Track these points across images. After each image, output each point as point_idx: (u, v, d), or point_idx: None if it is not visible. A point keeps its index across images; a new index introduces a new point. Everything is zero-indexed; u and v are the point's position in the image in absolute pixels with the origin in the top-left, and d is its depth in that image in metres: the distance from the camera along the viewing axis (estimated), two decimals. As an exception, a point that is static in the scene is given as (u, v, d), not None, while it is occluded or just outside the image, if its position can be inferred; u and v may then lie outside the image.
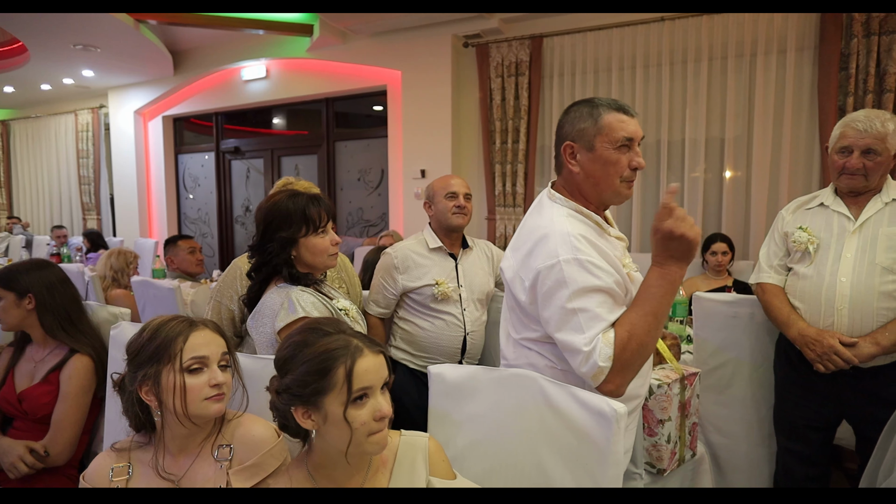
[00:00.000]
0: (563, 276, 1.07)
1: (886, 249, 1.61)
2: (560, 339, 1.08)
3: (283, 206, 1.40)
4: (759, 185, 3.66)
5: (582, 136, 1.19)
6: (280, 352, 0.92)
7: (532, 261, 1.13)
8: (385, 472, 0.95)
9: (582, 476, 0.96)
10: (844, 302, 1.62)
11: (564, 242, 1.10)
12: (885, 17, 3.10)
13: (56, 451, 1.62)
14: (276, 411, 0.92)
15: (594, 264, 1.08)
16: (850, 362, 1.57)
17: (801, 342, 1.67)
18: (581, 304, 1.05)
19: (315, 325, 0.94)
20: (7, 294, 1.66)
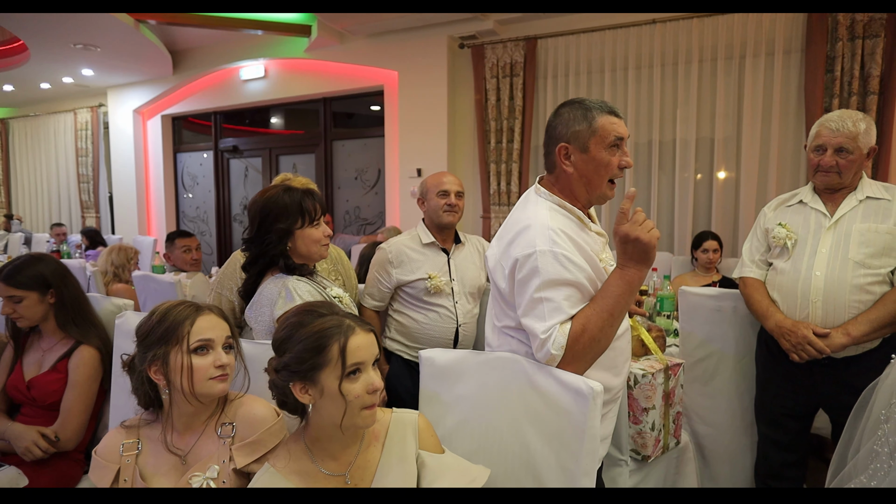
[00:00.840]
0: (537, 266, 1.13)
1: (859, 245, 1.68)
2: (525, 324, 1.15)
3: (281, 200, 1.47)
4: (748, 185, 3.74)
5: (577, 138, 1.24)
6: (278, 333, 0.99)
7: (512, 249, 1.19)
8: (377, 446, 1.02)
9: (561, 450, 1.03)
10: (818, 295, 1.70)
11: (543, 234, 1.16)
12: (869, 21, 3.18)
13: (66, 437, 1.68)
14: (275, 389, 0.98)
15: (568, 258, 1.14)
16: (822, 352, 1.64)
17: (778, 333, 1.74)
18: (548, 295, 1.12)
19: (310, 308, 1.01)
20: (29, 293, 1.71)
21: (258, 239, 1.48)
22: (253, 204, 1.51)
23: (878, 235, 1.68)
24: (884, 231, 1.68)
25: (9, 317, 1.75)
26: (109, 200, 7.07)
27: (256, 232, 1.48)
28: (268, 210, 1.47)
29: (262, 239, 1.47)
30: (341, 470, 0.98)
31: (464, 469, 1.03)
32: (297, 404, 0.97)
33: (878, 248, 1.66)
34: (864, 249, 1.67)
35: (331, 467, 0.98)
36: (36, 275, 1.72)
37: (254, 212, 1.49)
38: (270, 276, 1.46)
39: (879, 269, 1.66)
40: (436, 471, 1.01)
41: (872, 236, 1.68)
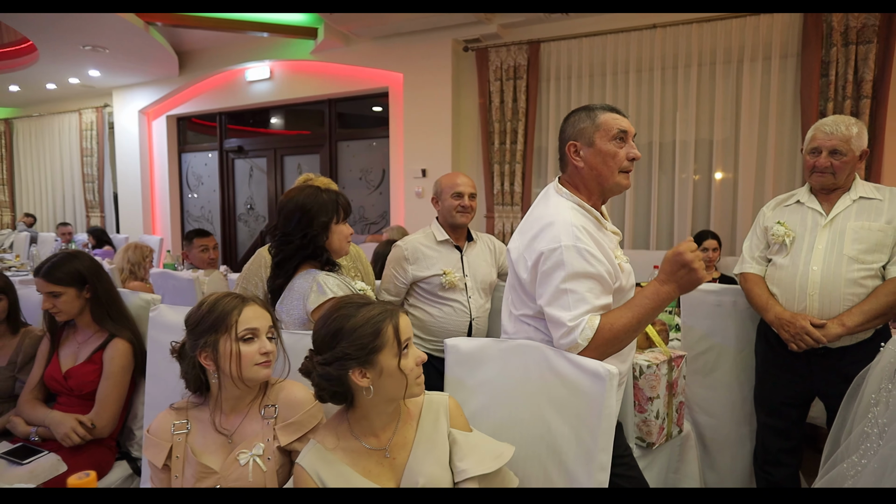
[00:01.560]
0: (562, 259, 1.22)
1: (853, 241, 1.79)
2: (549, 313, 1.23)
3: (320, 197, 1.59)
4: (746, 185, 3.85)
5: (582, 135, 1.36)
6: (325, 329, 1.06)
7: (537, 243, 1.27)
8: (412, 424, 1.12)
9: (580, 428, 1.13)
10: (815, 288, 1.80)
11: (567, 231, 1.25)
12: (862, 27, 3.29)
13: (101, 425, 1.77)
14: (327, 381, 1.04)
15: (590, 253, 1.23)
16: (819, 342, 1.75)
17: (778, 324, 1.85)
18: (572, 286, 1.21)
19: (347, 302, 1.10)
20: (67, 289, 1.79)
21: (299, 232, 1.56)
22: (290, 201, 1.60)
23: (870, 233, 1.78)
24: (876, 229, 1.78)
25: (47, 311, 1.83)
26: (114, 200, 7.14)
27: (296, 226, 1.56)
28: (310, 206, 1.57)
29: (304, 233, 1.56)
30: (381, 445, 1.08)
31: (491, 446, 1.12)
32: (346, 393, 1.05)
33: (871, 244, 1.77)
34: (857, 246, 1.78)
35: (372, 443, 1.07)
36: (73, 271, 1.80)
37: (292, 208, 1.57)
38: (301, 272, 1.55)
39: (872, 265, 1.77)
40: (465, 447, 1.10)
41: (865, 233, 1.78)
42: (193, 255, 3.10)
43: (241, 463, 1.14)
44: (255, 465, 1.14)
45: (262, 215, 6.25)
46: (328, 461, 1.04)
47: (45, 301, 1.79)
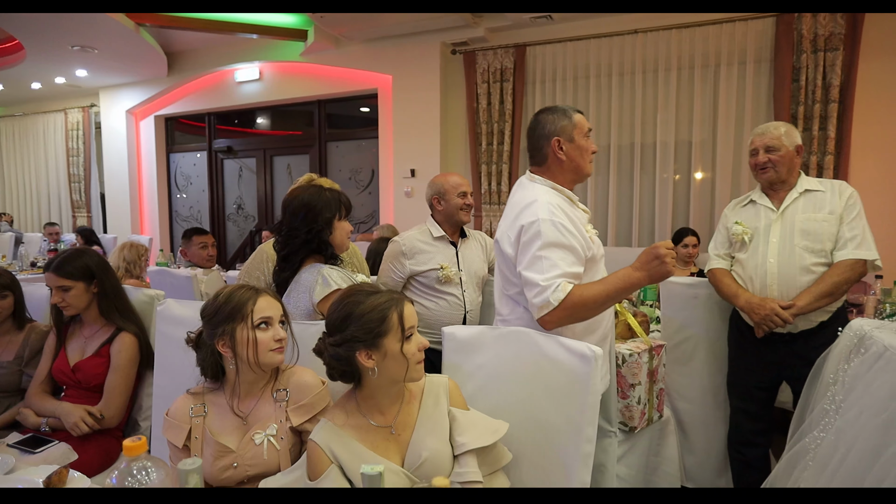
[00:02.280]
0: (539, 231, 1.41)
1: (802, 232, 1.96)
2: (525, 276, 1.42)
3: (324, 195, 1.70)
4: (723, 184, 4.01)
5: (564, 132, 1.58)
6: (336, 313, 1.16)
7: (518, 220, 1.48)
8: (415, 404, 1.22)
9: (567, 404, 1.24)
10: (774, 279, 1.97)
11: (544, 207, 1.45)
12: (829, 35, 3.47)
13: (109, 415, 1.85)
14: (336, 361, 1.14)
15: (564, 226, 1.43)
16: (787, 321, 1.90)
17: (748, 308, 2.00)
18: (547, 254, 1.40)
19: (357, 290, 1.20)
20: (77, 283, 1.86)
21: (304, 227, 1.67)
22: (295, 199, 1.71)
23: (816, 223, 1.96)
24: (820, 219, 1.96)
25: (55, 306, 1.90)
26: (101, 200, 7.11)
27: (301, 222, 1.67)
28: (314, 203, 1.69)
29: (309, 228, 1.67)
30: (387, 422, 1.18)
31: (487, 423, 1.23)
32: (356, 372, 1.15)
33: (818, 233, 1.94)
34: (807, 236, 1.95)
35: (378, 420, 1.18)
36: (82, 266, 1.87)
37: (297, 205, 1.69)
38: (306, 266, 1.65)
39: (821, 252, 1.94)
40: (464, 423, 1.21)
41: (812, 224, 1.96)
42: (193, 253, 3.16)
43: (257, 442, 1.23)
44: (270, 445, 1.24)
45: (252, 215, 6.29)
46: (339, 437, 1.14)
47: (55, 295, 1.85)
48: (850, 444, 1.25)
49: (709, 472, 2.49)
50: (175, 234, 6.79)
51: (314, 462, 1.12)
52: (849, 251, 1.91)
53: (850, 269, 1.90)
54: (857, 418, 1.29)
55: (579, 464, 1.22)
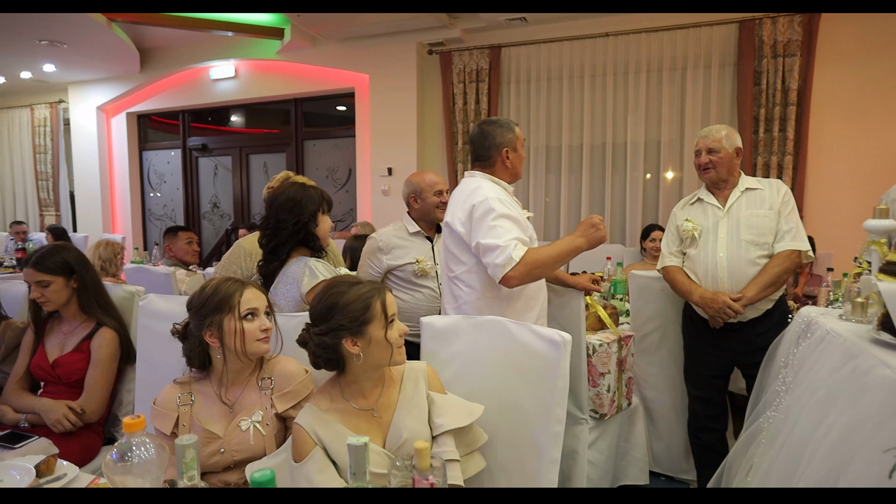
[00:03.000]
0: (490, 206, 1.71)
1: (747, 227, 2.11)
2: (484, 244, 1.68)
3: (307, 191, 1.79)
4: (690, 182, 4.17)
5: (510, 143, 1.89)
6: (321, 304, 1.21)
7: (468, 201, 1.76)
8: (395, 388, 1.28)
9: (538, 387, 1.32)
10: (724, 272, 2.10)
11: (490, 190, 1.77)
12: (788, 42, 3.65)
13: (91, 410, 1.86)
14: (321, 349, 1.20)
15: (507, 203, 1.76)
16: (738, 312, 2.03)
17: (702, 303, 2.12)
18: (500, 223, 1.69)
19: (340, 281, 1.26)
20: (56, 278, 1.86)
21: (292, 219, 1.75)
22: (281, 194, 1.79)
23: (758, 218, 2.10)
24: (762, 214, 2.11)
25: (34, 302, 1.90)
26: (71, 198, 6.96)
27: (288, 214, 1.76)
28: (300, 197, 1.78)
29: (296, 220, 1.75)
30: (369, 406, 1.24)
31: (464, 405, 1.30)
32: (338, 360, 1.21)
33: (760, 228, 2.09)
34: (751, 230, 2.10)
35: (361, 404, 1.24)
36: (62, 261, 1.88)
37: (284, 199, 1.77)
38: (293, 259, 1.71)
39: (764, 245, 2.09)
40: (442, 406, 1.28)
41: (755, 220, 2.10)
42: (179, 248, 3.17)
43: (243, 429, 1.28)
44: (256, 431, 1.29)
45: (228, 214, 6.25)
46: (323, 420, 1.20)
47: (34, 290, 1.85)
48: (795, 419, 1.36)
49: (675, 457, 2.61)
50: (148, 233, 6.69)
51: (299, 444, 1.18)
52: (786, 242, 2.06)
53: (788, 259, 2.06)
54: (801, 396, 1.40)
55: (550, 443, 1.30)
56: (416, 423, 1.24)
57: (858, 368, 1.16)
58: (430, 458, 0.75)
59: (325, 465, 1.15)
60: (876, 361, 1.09)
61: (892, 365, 1.03)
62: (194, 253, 3.21)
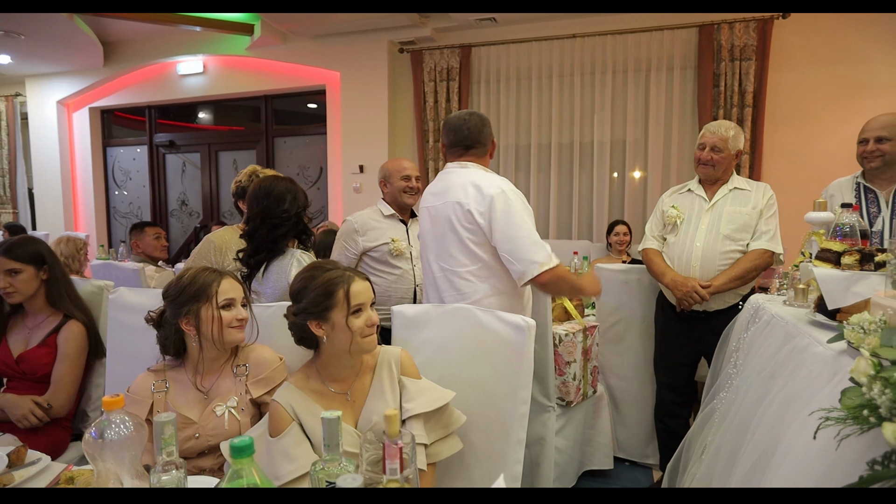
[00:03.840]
0: (512, 199, 1.73)
1: (728, 222, 2.22)
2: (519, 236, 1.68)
3: (295, 185, 1.88)
4: (654, 180, 4.32)
5: (489, 137, 1.93)
6: (294, 285, 1.27)
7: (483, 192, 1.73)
8: (369, 374, 1.33)
9: (504, 370, 1.38)
10: (697, 261, 2.21)
11: (503, 182, 1.78)
12: (744, 46, 3.83)
13: (58, 405, 1.84)
14: (294, 328, 1.26)
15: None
16: (704, 298, 2.15)
17: (672, 286, 2.23)
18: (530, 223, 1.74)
19: (318, 265, 1.31)
20: (27, 267, 1.84)
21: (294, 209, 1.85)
22: (273, 188, 1.85)
23: (740, 216, 2.22)
24: (744, 213, 2.22)
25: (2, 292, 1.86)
26: (29, 195, 6.73)
27: (290, 205, 1.84)
28: (295, 191, 1.85)
29: (296, 211, 1.85)
30: (344, 389, 1.28)
31: (435, 390, 1.35)
32: (313, 339, 1.26)
33: (740, 224, 2.21)
34: (731, 226, 2.20)
35: (336, 387, 1.28)
36: (33, 251, 1.86)
37: (282, 190, 1.84)
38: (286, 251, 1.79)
39: (740, 241, 2.21)
40: (413, 391, 1.32)
41: (737, 216, 2.22)
42: (147, 244, 3.13)
43: (218, 414, 1.31)
44: (231, 416, 1.31)
45: (197, 211, 6.15)
46: (301, 397, 1.24)
47: (2, 280, 1.82)
48: (743, 398, 1.46)
49: (638, 443, 2.73)
50: (113, 231, 6.53)
51: (276, 419, 1.21)
52: (762, 242, 2.18)
53: (760, 258, 2.17)
54: (749, 376, 1.50)
55: (516, 424, 1.37)
56: (386, 408, 1.28)
57: (797, 347, 1.26)
58: (399, 424, 0.80)
59: (300, 439, 1.19)
60: (811, 340, 1.20)
61: (823, 342, 1.13)
62: (163, 248, 3.18)
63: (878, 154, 2.13)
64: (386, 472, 0.75)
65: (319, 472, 0.86)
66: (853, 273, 1.23)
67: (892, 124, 2.13)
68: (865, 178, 2.25)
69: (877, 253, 1.24)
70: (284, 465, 1.13)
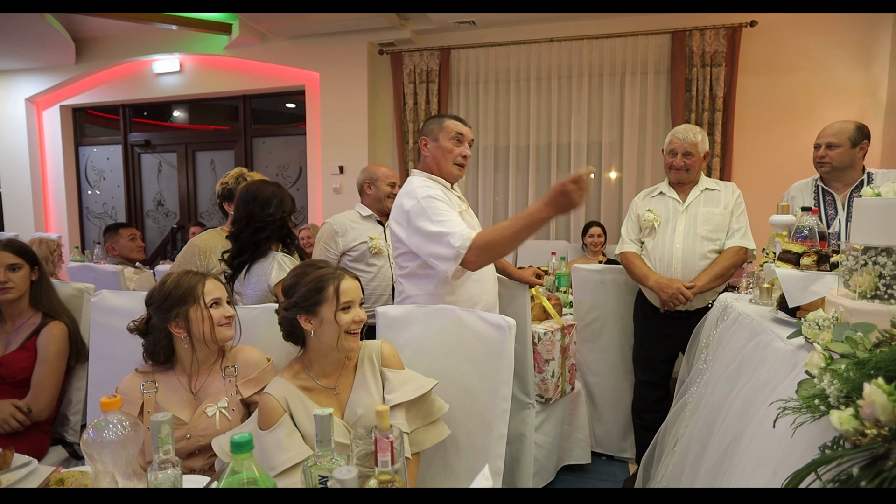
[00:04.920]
0: (422, 195, 1.70)
1: (703, 223, 2.31)
2: (431, 231, 1.63)
3: (282, 190, 1.89)
4: (629, 181, 4.44)
5: (430, 133, 1.86)
6: (286, 280, 1.33)
7: (399, 202, 1.77)
8: (353, 368, 1.37)
9: (485, 367, 1.44)
10: (678, 262, 2.30)
11: (419, 183, 1.77)
12: (714, 52, 3.97)
13: (38, 409, 1.83)
14: (285, 322, 1.31)
15: (438, 197, 1.72)
16: (689, 299, 2.23)
17: (657, 288, 2.31)
18: (436, 208, 1.67)
19: (310, 263, 1.36)
20: (25, 264, 1.85)
21: (278, 213, 1.86)
22: (261, 192, 1.87)
23: (714, 216, 2.31)
24: (717, 213, 2.32)
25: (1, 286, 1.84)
26: (-4, 195, 6.54)
27: (275, 209, 1.85)
28: (281, 195, 1.88)
29: (281, 215, 1.86)
30: (331, 384, 1.33)
31: (417, 378, 1.39)
32: (300, 335, 1.31)
33: (715, 225, 2.30)
34: (706, 226, 2.30)
35: (323, 382, 1.32)
36: (28, 250, 1.88)
37: (268, 195, 1.85)
38: None
39: (716, 241, 2.30)
40: (395, 382, 1.36)
41: (711, 217, 2.32)
42: (122, 245, 3.10)
43: (209, 414, 1.33)
44: (222, 416, 1.34)
45: (173, 212, 6.06)
46: (291, 391, 1.28)
47: (3, 273, 1.82)
48: (711, 391, 1.54)
49: (615, 438, 2.82)
50: (86, 232, 6.40)
51: (268, 412, 1.25)
52: (736, 240, 2.28)
53: (736, 255, 2.28)
54: (718, 370, 1.59)
55: (498, 419, 1.42)
56: (369, 400, 1.33)
57: (761, 343, 1.34)
58: (389, 418, 0.84)
59: (292, 430, 1.23)
60: (773, 336, 1.28)
61: (784, 338, 1.21)
62: (139, 249, 3.16)
63: (827, 160, 2.29)
64: (378, 464, 0.79)
65: (312, 467, 0.90)
66: (811, 273, 1.32)
67: (842, 132, 2.27)
68: (824, 182, 2.37)
69: (832, 254, 1.33)
70: (278, 455, 1.17)
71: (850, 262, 1.09)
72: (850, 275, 1.08)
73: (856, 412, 0.75)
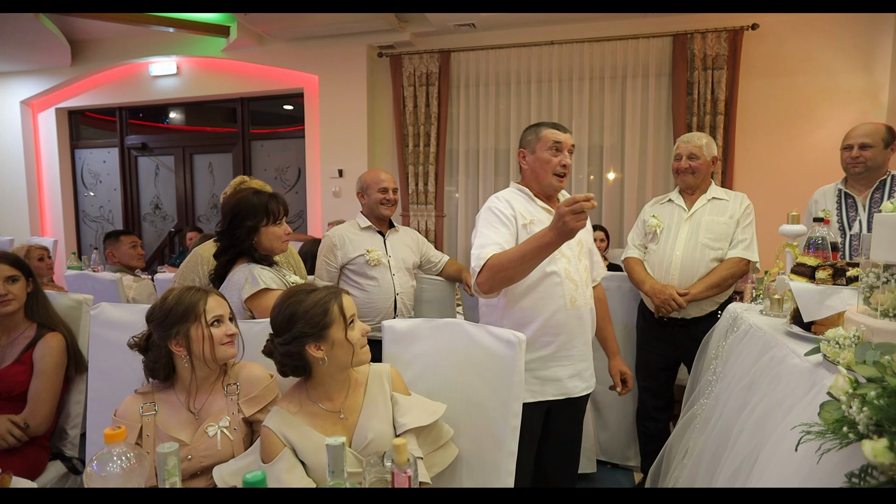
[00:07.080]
0: (480, 216, 1.74)
1: (706, 231, 2.29)
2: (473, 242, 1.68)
3: (250, 201, 1.74)
4: (630, 185, 4.41)
5: (527, 145, 1.80)
6: (280, 315, 1.24)
7: None
8: (361, 391, 1.33)
9: (496, 384, 1.41)
10: (677, 269, 2.28)
11: (492, 200, 1.76)
12: (716, 55, 3.94)
13: (36, 423, 1.80)
14: (288, 357, 1.23)
15: (500, 211, 1.70)
16: (681, 306, 2.22)
17: (651, 293, 2.30)
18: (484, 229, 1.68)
19: (296, 290, 1.29)
20: (22, 277, 1.83)
21: (229, 233, 1.73)
22: (226, 203, 1.77)
23: (718, 225, 2.29)
24: (722, 222, 2.29)
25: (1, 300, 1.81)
26: (-10, 199, 6.48)
27: (228, 226, 1.74)
28: (239, 209, 1.73)
29: (232, 233, 1.72)
30: (336, 408, 1.29)
31: (427, 405, 1.37)
32: (306, 366, 1.25)
33: (718, 234, 2.28)
34: (709, 235, 2.28)
35: (328, 406, 1.28)
36: (23, 262, 1.85)
37: (227, 209, 1.75)
38: (240, 265, 1.72)
39: (718, 250, 2.28)
40: (405, 406, 1.34)
41: (715, 225, 2.29)
42: (123, 253, 3.06)
43: (210, 434, 1.30)
44: (223, 436, 1.30)
45: (171, 215, 6.01)
46: (291, 423, 1.24)
47: (2, 286, 1.80)
48: (724, 405, 1.52)
49: (620, 446, 2.79)
50: (83, 236, 6.34)
51: (268, 446, 1.21)
52: (738, 251, 2.26)
53: (736, 266, 2.25)
54: (729, 384, 1.56)
55: (508, 436, 1.39)
56: (380, 424, 1.30)
57: (775, 357, 1.32)
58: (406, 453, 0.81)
59: (293, 464, 1.19)
60: (788, 351, 1.25)
61: (800, 354, 1.18)
62: (139, 257, 3.12)
63: (861, 160, 2.28)
64: (392, 498, 0.77)
65: (322, 496, 0.86)
66: (827, 287, 1.30)
67: (875, 132, 2.29)
68: (846, 185, 2.38)
69: (848, 268, 1.31)
70: (277, 490, 1.13)
71: (870, 279, 1.06)
72: (871, 292, 1.06)
73: (890, 444, 0.73)
